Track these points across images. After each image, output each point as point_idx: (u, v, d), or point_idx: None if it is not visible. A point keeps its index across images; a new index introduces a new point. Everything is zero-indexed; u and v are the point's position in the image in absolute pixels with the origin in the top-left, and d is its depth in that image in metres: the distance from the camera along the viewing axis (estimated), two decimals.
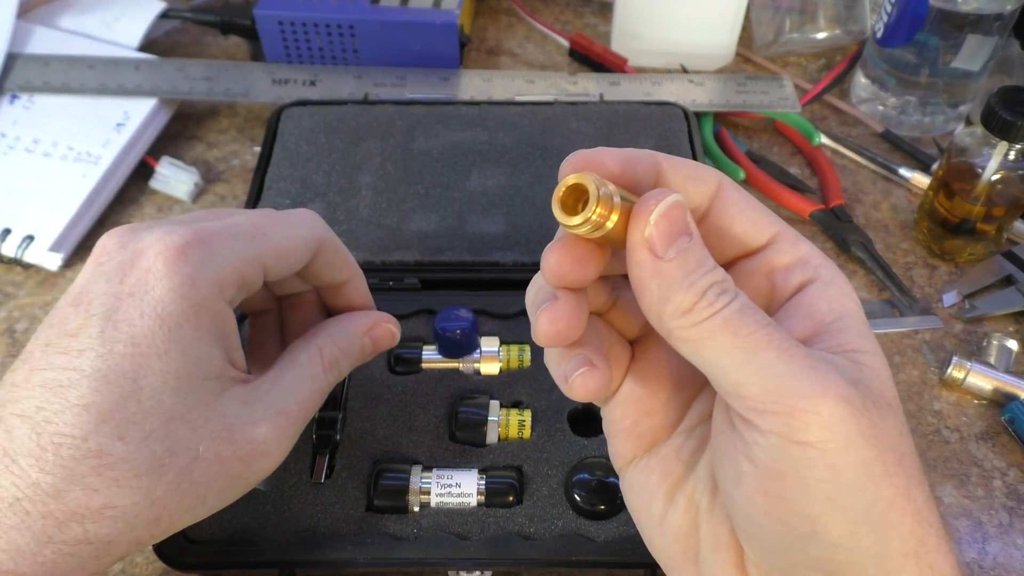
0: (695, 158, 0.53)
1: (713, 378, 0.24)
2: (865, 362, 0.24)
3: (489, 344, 0.43)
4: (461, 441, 0.40)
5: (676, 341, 0.24)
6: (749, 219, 0.27)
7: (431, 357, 0.43)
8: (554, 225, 0.24)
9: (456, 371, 0.43)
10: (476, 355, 0.43)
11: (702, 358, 0.24)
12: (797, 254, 0.27)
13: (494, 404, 0.41)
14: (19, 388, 0.28)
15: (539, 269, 0.26)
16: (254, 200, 0.51)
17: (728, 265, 0.27)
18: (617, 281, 0.29)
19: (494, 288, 0.46)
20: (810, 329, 0.25)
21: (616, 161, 0.25)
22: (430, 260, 0.48)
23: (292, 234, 0.33)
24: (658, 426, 0.29)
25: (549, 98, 0.58)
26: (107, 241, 0.30)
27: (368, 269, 0.47)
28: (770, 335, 0.23)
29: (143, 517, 0.28)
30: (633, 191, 0.25)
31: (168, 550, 0.36)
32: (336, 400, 0.41)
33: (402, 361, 0.43)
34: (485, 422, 0.40)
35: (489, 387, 0.42)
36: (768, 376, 0.22)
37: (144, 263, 0.29)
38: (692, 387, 0.29)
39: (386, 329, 0.36)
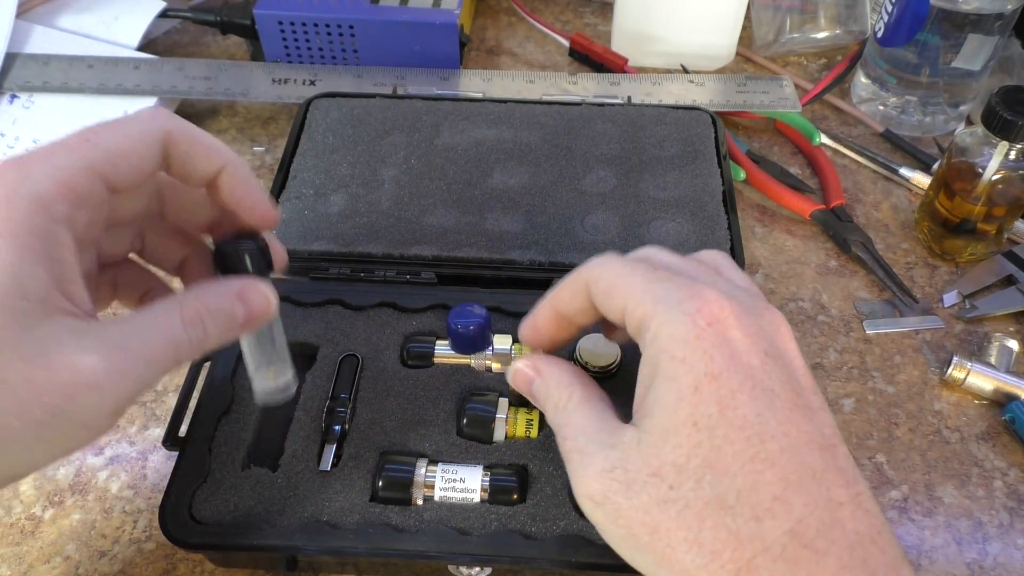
0: (720, 163, 0.53)
1: None
2: (646, 428, 0.29)
3: (501, 342, 0.43)
4: (468, 437, 0.40)
5: None
6: (605, 305, 0.32)
7: (443, 352, 0.43)
8: (572, 226, 0.29)
9: (467, 367, 0.43)
10: (488, 352, 0.43)
11: None
12: (637, 322, 0.31)
13: (503, 402, 0.41)
14: None
15: (556, 269, 0.33)
16: (278, 189, 0.51)
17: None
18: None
19: (509, 286, 0.47)
20: (640, 396, 0.30)
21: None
22: (447, 255, 0.48)
23: (126, 133, 0.29)
24: None
25: (577, 98, 0.58)
26: None
27: (386, 262, 0.48)
28: (563, 438, 0.32)
29: None
30: None
31: (174, 529, 0.36)
32: (347, 390, 0.41)
33: (414, 355, 0.43)
34: (493, 419, 0.40)
35: (499, 384, 0.42)
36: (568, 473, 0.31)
37: None
38: None
39: (259, 292, 0.31)
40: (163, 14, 0.66)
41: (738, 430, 0.27)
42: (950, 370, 0.48)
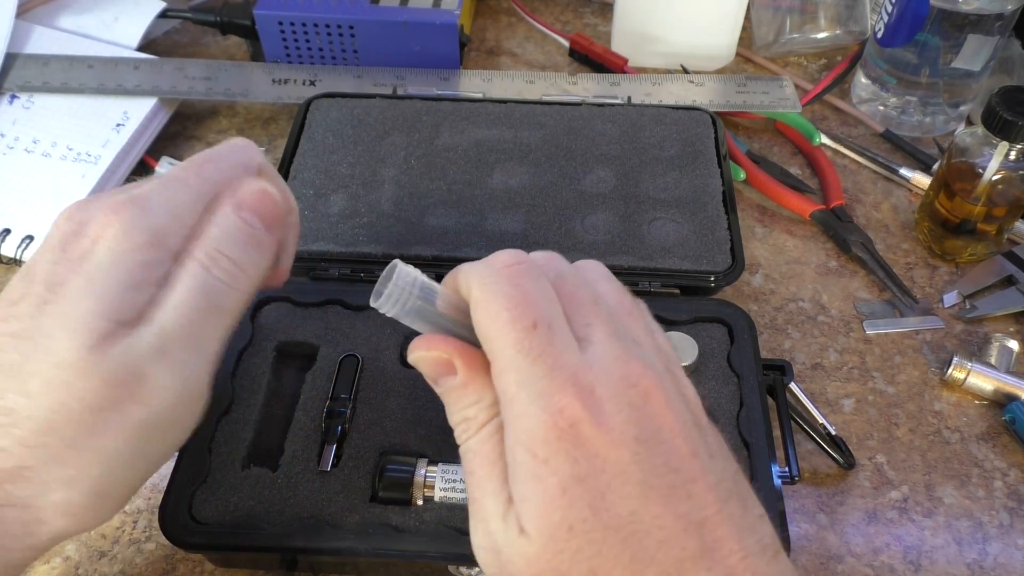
0: (720, 163, 0.53)
1: None
2: (517, 528, 0.26)
3: None
4: None
5: None
6: (480, 335, 0.28)
7: None
8: (572, 226, 0.26)
9: None
10: None
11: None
12: (497, 389, 0.28)
13: None
14: None
15: None
16: None
17: None
18: None
19: None
20: (508, 477, 0.28)
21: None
22: (448, 256, 0.48)
23: (230, 164, 0.33)
24: None
25: (577, 99, 0.58)
26: (58, 218, 0.31)
27: (386, 262, 0.47)
28: (469, 476, 0.28)
29: (56, 476, 0.28)
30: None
31: (174, 530, 0.36)
32: (347, 390, 0.41)
33: None
34: None
35: None
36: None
37: (89, 231, 0.29)
38: None
39: (254, 191, 0.33)
40: (163, 14, 0.66)
41: (614, 532, 0.25)
42: (950, 370, 0.48)
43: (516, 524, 0.26)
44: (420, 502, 0.38)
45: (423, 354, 0.29)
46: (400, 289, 0.29)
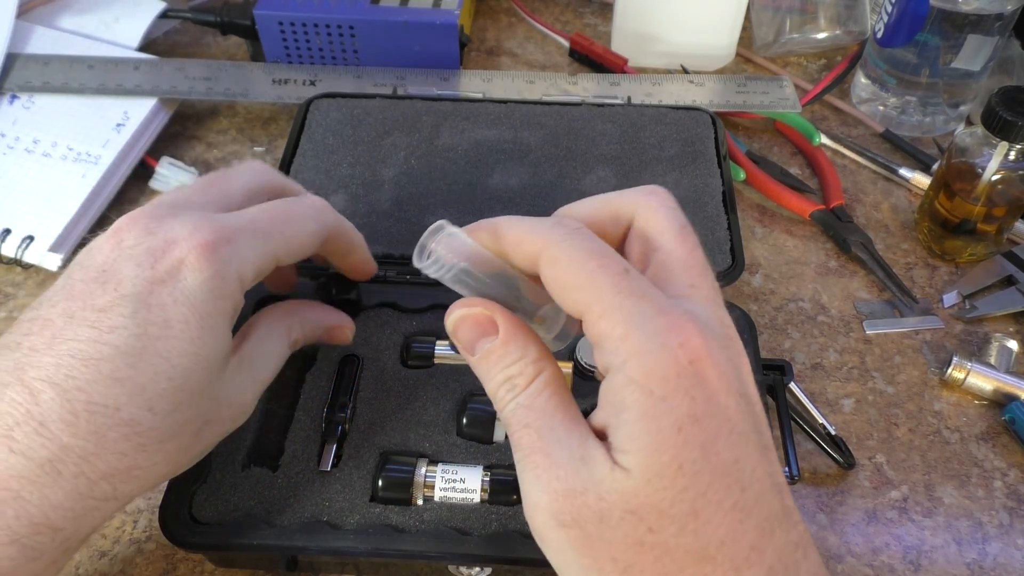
0: (720, 163, 0.53)
1: None
2: (623, 463, 0.26)
3: None
4: (468, 437, 0.40)
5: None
6: (561, 289, 0.28)
7: (444, 352, 0.43)
8: None
9: (467, 367, 0.43)
10: None
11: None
12: (595, 338, 0.27)
13: None
14: (40, 354, 0.29)
15: None
16: None
17: None
18: None
19: None
20: (603, 422, 0.27)
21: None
22: None
23: (306, 231, 0.36)
24: None
25: (577, 99, 0.58)
26: (128, 224, 0.32)
27: (386, 262, 0.48)
28: (521, 438, 0.28)
29: (160, 472, 0.31)
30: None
31: (174, 530, 0.36)
32: (347, 390, 0.41)
33: (415, 355, 0.43)
34: (493, 419, 0.40)
35: None
36: (519, 470, 0.28)
37: (177, 253, 0.31)
38: None
39: (343, 332, 0.40)
40: (163, 15, 0.66)
41: (720, 477, 0.25)
42: (950, 370, 0.48)
43: (606, 461, 0.26)
44: (420, 502, 0.38)
45: (465, 311, 0.30)
46: (449, 252, 0.29)
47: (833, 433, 0.45)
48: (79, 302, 0.30)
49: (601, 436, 0.27)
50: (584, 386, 0.41)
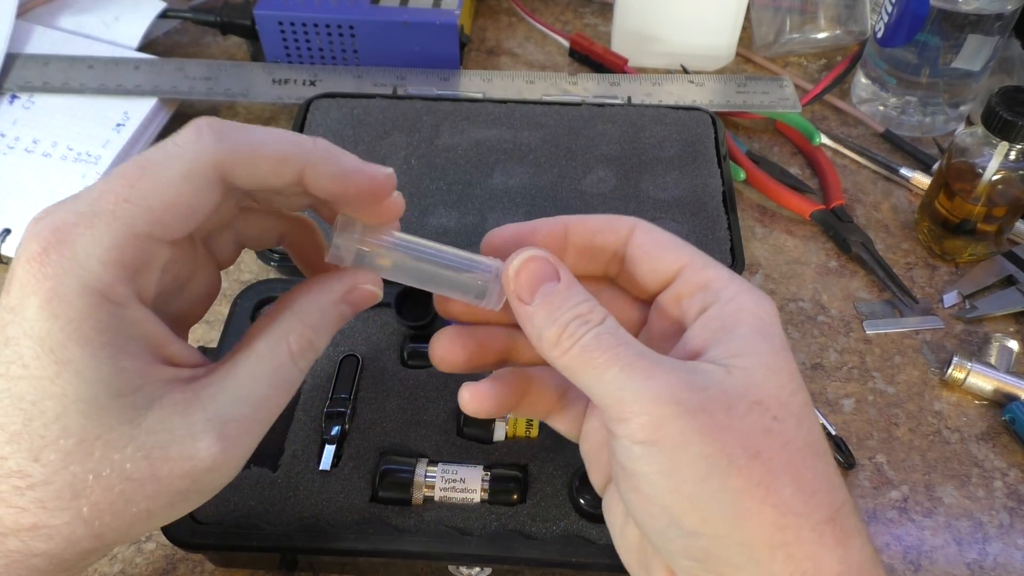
0: (720, 163, 0.53)
1: (591, 398, 0.28)
2: (740, 365, 0.27)
3: None
4: (468, 437, 0.40)
5: (560, 371, 0.28)
6: (655, 257, 0.31)
7: None
8: None
9: None
10: None
11: (579, 382, 0.27)
12: (699, 282, 0.30)
13: None
14: None
15: None
16: None
17: (652, 299, 0.32)
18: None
19: None
20: (700, 345, 0.28)
21: (506, 237, 0.31)
22: None
23: (167, 180, 0.26)
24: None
25: (577, 99, 0.58)
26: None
27: None
28: (617, 354, 0.27)
29: (81, 534, 0.25)
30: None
31: (175, 530, 0.37)
32: (347, 390, 0.41)
33: (415, 355, 0.43)
34: (493, 419, 0.40)
35: None
36: (613, 390, 0.26)
37: (17, 274, 0.25)
38: None
39: (365, 292, 0.31)
40: (163, 14, 0.66)
41: (811, 414, 0.28)
42: (950, 370, 0.48)
43: (718, 368, 0.27)
44: (420, 502, 0.38)
45: (533, 252, 0.29)
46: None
47: (833, 433, 0.45)
48: None
49: (710, 355, 0.29)
50: None
